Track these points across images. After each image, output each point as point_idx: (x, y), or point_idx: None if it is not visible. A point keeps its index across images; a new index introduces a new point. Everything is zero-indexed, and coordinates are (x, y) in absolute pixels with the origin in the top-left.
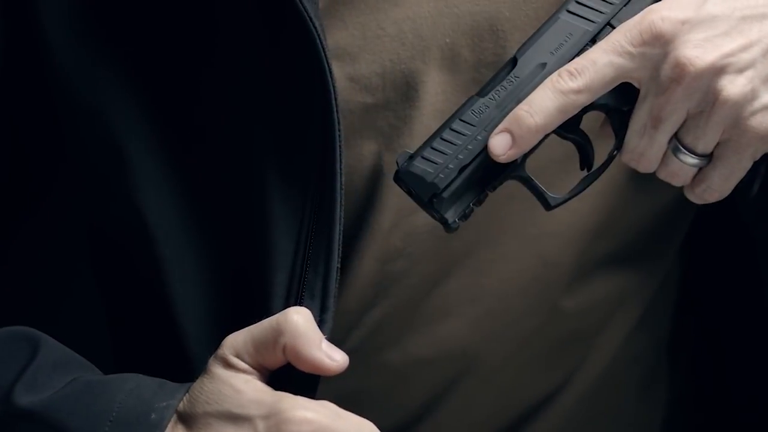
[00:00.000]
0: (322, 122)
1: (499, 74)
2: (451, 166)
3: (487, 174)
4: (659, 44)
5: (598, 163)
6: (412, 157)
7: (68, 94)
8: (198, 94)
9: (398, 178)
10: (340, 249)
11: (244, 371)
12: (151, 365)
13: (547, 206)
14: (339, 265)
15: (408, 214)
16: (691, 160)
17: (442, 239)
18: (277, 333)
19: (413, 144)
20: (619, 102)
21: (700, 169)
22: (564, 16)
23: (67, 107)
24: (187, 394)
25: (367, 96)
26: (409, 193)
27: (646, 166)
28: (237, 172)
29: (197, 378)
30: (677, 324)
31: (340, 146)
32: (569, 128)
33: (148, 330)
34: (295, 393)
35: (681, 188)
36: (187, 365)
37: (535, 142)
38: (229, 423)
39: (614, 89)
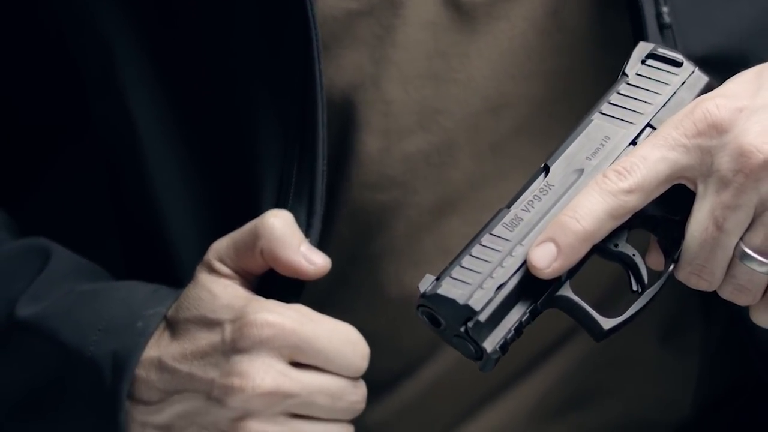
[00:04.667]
0: (302, 24)
1: (529, 184)
2: (485, 285)
3: (526, 295)
4: (716, 133)
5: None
6: (438, 278)
7: None
8: None
9: (422, 305)
10: (325, 151)
11: (226, 276)
12: (150, 275)
13: (600, 334)
14: (325, 168)
15: (399, 139)
16: (765, 267)
17: (441, 168)
18: (255, 236)
19: (396, 55)
20: (668, 210)
21: None
22: (597, 118)
23: (63, 10)
24: (176, 301)
25: (350, 1)
26: (435, 323)
27: (709, 280)
28: (222, 74)
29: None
30: None
31: (317, 47)
32: (614, 245)
33: (144, 240)
34: (280, 298)
35: None
36: (180, 273)
37: (583, 253)
38: (204, 328)
39: (661, 197)
